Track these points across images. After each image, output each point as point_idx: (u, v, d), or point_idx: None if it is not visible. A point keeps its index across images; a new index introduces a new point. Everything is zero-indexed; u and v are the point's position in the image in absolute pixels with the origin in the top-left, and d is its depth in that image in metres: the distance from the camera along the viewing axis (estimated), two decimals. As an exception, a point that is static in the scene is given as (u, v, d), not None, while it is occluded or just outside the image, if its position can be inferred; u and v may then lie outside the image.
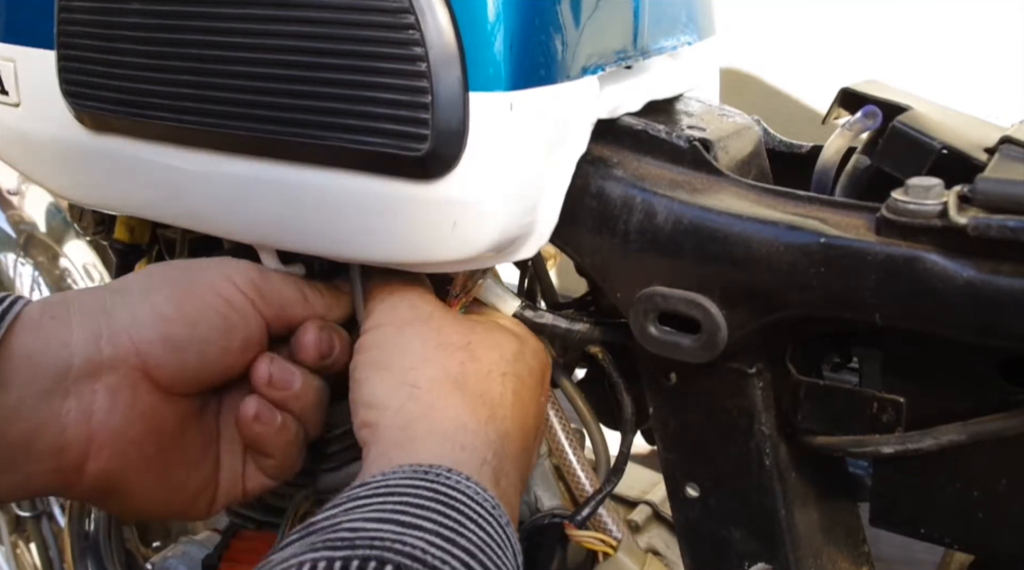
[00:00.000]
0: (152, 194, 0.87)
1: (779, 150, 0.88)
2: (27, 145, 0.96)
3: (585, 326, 0.85)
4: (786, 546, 0.82)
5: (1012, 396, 0.69)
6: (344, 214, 0.76)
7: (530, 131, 0.71)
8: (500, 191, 0.71)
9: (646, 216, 0.74)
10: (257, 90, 0.76)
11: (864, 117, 0.77)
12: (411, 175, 0.72)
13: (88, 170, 0.91)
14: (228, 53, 0.77)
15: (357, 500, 0.65)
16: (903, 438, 0.73)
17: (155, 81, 0.81)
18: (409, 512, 0.63)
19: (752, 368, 0.78)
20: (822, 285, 0.67)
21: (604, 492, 0.90)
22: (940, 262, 0.62)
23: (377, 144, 0.72)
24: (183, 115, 0.80)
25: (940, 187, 0.64)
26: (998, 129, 0.76)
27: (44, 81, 0.89)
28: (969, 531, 0.75)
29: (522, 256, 0.78)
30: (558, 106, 0.72)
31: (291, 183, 0.77)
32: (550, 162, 0.74)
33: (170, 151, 0.83)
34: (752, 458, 0.80)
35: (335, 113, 0.73)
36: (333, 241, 0.79)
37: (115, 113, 0.85)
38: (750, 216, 0.71)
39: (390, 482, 0.66)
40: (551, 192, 0.76)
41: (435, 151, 0.70)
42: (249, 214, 0.82)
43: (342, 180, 0.75)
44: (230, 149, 0.80)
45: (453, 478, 0.67)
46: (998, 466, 0.71)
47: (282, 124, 0.75)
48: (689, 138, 0.76)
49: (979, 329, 0.63)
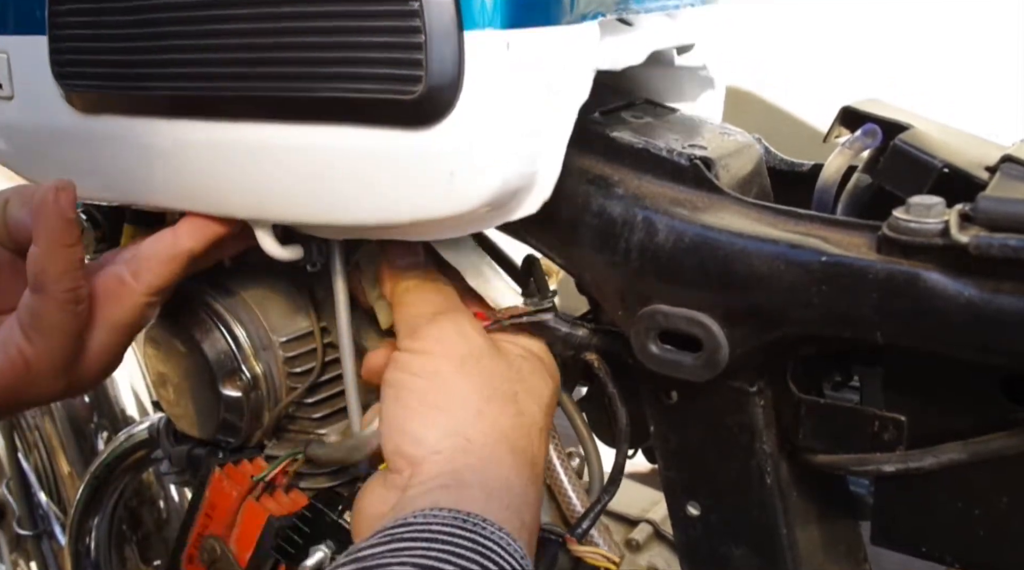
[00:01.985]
0: (145, 176, 0.86)
1: (780, 168, 0.88)
2: (21, 139, 0.96)
3: (585, 331, 0.85)
4: (787, 564, 0.82)
5: (1013, 414, 0.69)
6: (340, 172, 0.75)
7: (528, 73, 0.69)
8: (499, 136, 0.70)
9: (647, 234, 0.74)
10: (248, 46, 0.75)
11: (864, 135, 0.77)
12: (405, 122, 0.70)
13: (82, 156, 0.90)
14: (214, 12, 0.76)
15: (403, 542, 0.67)
16: (904, 456, 0.73)
17: (143, 50, 0.81)
18: (451, 561, 0.65)
19: (753, 386, 0.77)
20: (823, 303, 0.67)
21: (602, 503, 0.89)
22: (941, 281, 0.62)
23: (369, 90, 0.70)
24: (174, 82, 0.80)
25: (941, 206, 0.64)
26: (999, 148, 0.76)
27: (37, 69, 0.88)
28: (970, 549, 0.75)
29: (523, 213, 0.76)
30: (556, 49, 0.71)
31: (285, 145, 0.76)
32: (550, 108, 0.72)
33: (162, 123, 0.82)
34: (753, 476, 0.80)
35: (328, 61, 0.71)
36: (329, 205, 0.77)
37: (105, 89, 0.84)
38: (751, 234, 0.71)
39: (432, 527, 0.68)
40: (552, 142, 0.74)
41: (430, 94, 0.68)
42: (242, 185, 0.80)
43: (337, 135, 0.73)
44: (221, 114, 0.79)
45: (489, 529, 0.69)
46: (999, 484, 0.71)
47: (274, 79, 0.74)
48: (690, 156, 0.76)
49: (980, 347, 0.63)
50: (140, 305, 0.87)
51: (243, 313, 0.96)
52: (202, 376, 0.96)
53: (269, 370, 0.96)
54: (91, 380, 0.90)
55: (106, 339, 0.87)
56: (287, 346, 0.96)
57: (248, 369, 0.95)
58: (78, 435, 1.74)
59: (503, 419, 0.79)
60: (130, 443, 1.34)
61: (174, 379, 0.99)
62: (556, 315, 0.86)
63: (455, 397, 0.78)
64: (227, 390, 0.95)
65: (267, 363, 0.96)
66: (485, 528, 0.69)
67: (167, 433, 1.15)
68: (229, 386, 0.95)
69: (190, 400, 0.99)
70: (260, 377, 0.95)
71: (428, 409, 0.77)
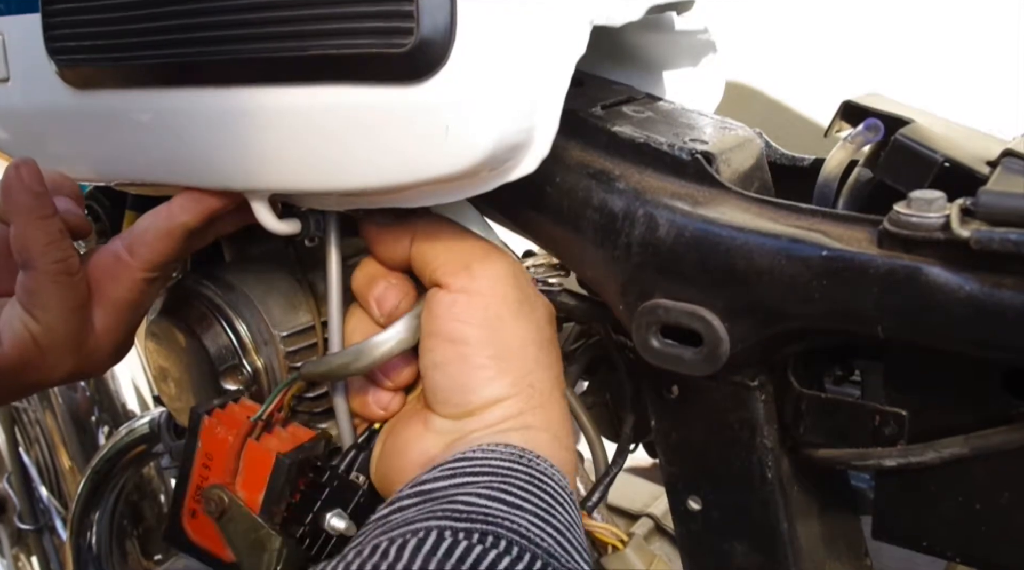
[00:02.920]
0: (140, 152, 0.86)
1: (781, 163, 0.88)
2: (19, 122, 0.96)
3: (587, 304, 0.86)
4: (788, 559, 0.82)
5: (1015, 409, 0.69)
6: (332, 135, 0.73)
7: (522, 24, 0.68)
8: (493, 89, 0.68)
9: (648, 229, 0.74)
10: (234, 7, 0.74)
11: (866, 130, 0.77)
12: (398, 77, 0.69)
13: (78, 136, 0.90)
14: None
15: (465, 475, 0.72)
16: (905, 451, 0.73)
17: (134, 19, 0.80)
18: (512, 492, 0.70)
19: (754, 381, 0.78)
20: (824, 298, 0.67)
21: (611, 474, 0.90)
22: (942, 275, 0.62)
23: (360, 46, 0.69)
24: (163, 49, 0.79)
25: (942, 200, 0.64)
26: (1000, 142, 0.76)
27: (31, 48, 0.88)
28: (971, 544, 0.75)
29: (521, 172, 0.74)
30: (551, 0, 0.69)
31: (277, 109, 0.75)
32: (546, 61, 0.71)
33: (155, 94, 0.82)
34: (754, 471, 0.80)
35: (314, 19, 0.70)
36: (322, 170, 0.76)
37: (97, 62, 0.84)
38: (752, 229, 0.71)
39: (491, 461, 0.74)
40: (548, 95, 0.72)
41: (422, 45, 0.67)
42: (236, 155, 0.79)
43: (328, 95, 0.72)
44: (213, 80, 0.78)
45: (543, 464, 0.75)
46: (1001, 479, 0.71)
47: (262, 40, 0.73)
48: (691, 151, 0.76)
49: (981, 342, 0.63)
50: (138, 281, 0.87)
51: (244, 307, 0.96)
52: (203, 370, 0.96)
53: (270, 364, 0.96)
54: (101, 360, 0.90)
55: (109, 317, 0.88)
56: (288, 340, 0.96)
57: (249, 363, 0.95)
58: (79, 429, 1.74)
59: (556, 365, 0.83)
60: (131, 437, 1.34)
61: (175, 373, 0.99)
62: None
63: (516, 345, 0.79)
64: (228, 384, 0.95)
65: (268, 357, 0.95)
66: (539, 464, 0.75)
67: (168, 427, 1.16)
68: (230, 380, 0.95)
69: (191, 394, 0.99)
70: (261, 371, 0.95)
71: (492, 361, 0.78)
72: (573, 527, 0.71)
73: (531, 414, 0.78)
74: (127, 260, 0.86)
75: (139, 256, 0.86)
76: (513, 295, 0.80)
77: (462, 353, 0.78)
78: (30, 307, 0.83)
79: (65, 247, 0.83)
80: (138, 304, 0.90)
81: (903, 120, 0.77)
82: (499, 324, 0.79)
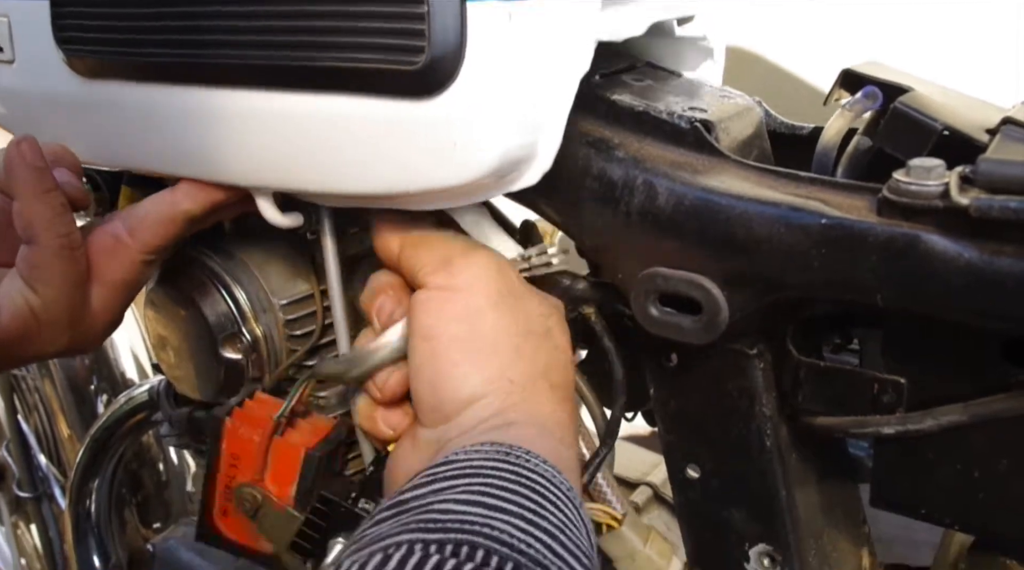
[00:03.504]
0: (146, 142, 0.87)
1: (780, 131, 0.88)
2: (23, 104, 0.96)
3: (582, 284, 0.85)
4: (786, 527, 0.82)
5: (1013, 377, 0.69)
6: (341, 142, 0.75)
7: (530, 44, 0.69)
8: (500, 106, 0.70)
9: (647, 197, 0.74)
10: (249, 14, 0.75)
11: (865, 98, 0.77)
12: (408, 93, 0.70)
13: (84, 123, 0.91)
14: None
15: (444, 481, 0.66)
16: (904, 419, 0.73)
17: (144, 16, 0.81)
18: (494, 494, 0.65)
19: (753, 349, 0.78)
20: (823, 266, 0.67)
21: (601, 456, 0.90)
22: (941, 243, 0.62)
23: (372, 60, 0.70)
24: (175, 49, 0.80)
25: (942, 168, 0.64)
26: (999, 110, 0.76)
27: (38, 33, 0.88)
28: (969, 512, 0.75)
29: (524, 183, 0.76)
30: (558, 20, 0.71)
31: (286, 114, 0.76)
32: (551, 78, 0.73)
33: (163, 90, 0.82)
34: (753, 439, 0.81)
35: (329, 31, 0.71)
36: (330, 175, 0.77)
37: (107, 55, 0.84)
38: (751, 197, 0.70)
39: (474, 462, 0.69)
40: (553, 111, 0.74)
41: (432, 64, 0.68)
42: (244, 153, 0.80)
43: (338, 104, 0.73)
44: (223, 81, 0.79)
45: (533, 460, 0.70)
46: (999, 447, 0.72)
47: (276, 48, 0.74)
48: (690, 119, 0.76)
49: (980, 310, 0.63)
50: (137, 263, 0.87)
51: (243, 276, 0.96)
52: (202, 339, 0.96)
53: (269, 332, 0.96)
54: (94, 337, 0.90)
55: (105, 296, 0.88)
56: (287, 309, 0.96)
57: (248, 331, 0.95)
58: (78, 398, 1.74)
59: (540, 355, 0.79)
60: (130, 406, 1.34)
61: (174, 342, 0.99)
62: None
63: (494, 338, 0.77)
64: (227, 352, 0.95)
65: (267, 325, 0.96)
66: (529, 460, 0.69)
67: (167, 396, 1.16)
68: (229, 348, 0.95)
69: (190, 363, 0.99)
70: (260, 340, 0.95)
71: (469, 356, 0.77)
72: (569, 527, 0.66)
73: (513, 411, 0.76)
74: (127, 242, 0.86)
75: (139, 239, 0.86)
76: (494, 288, 0.79)
77: (434, 350, 0.77)
78: (32, 281, 0.83)
79: (68, 221, 0.83)
80: (134, 284, 0.90)
81: (902, 88, 0.77)
82: (478, 318, 0.78)
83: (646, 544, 0.94)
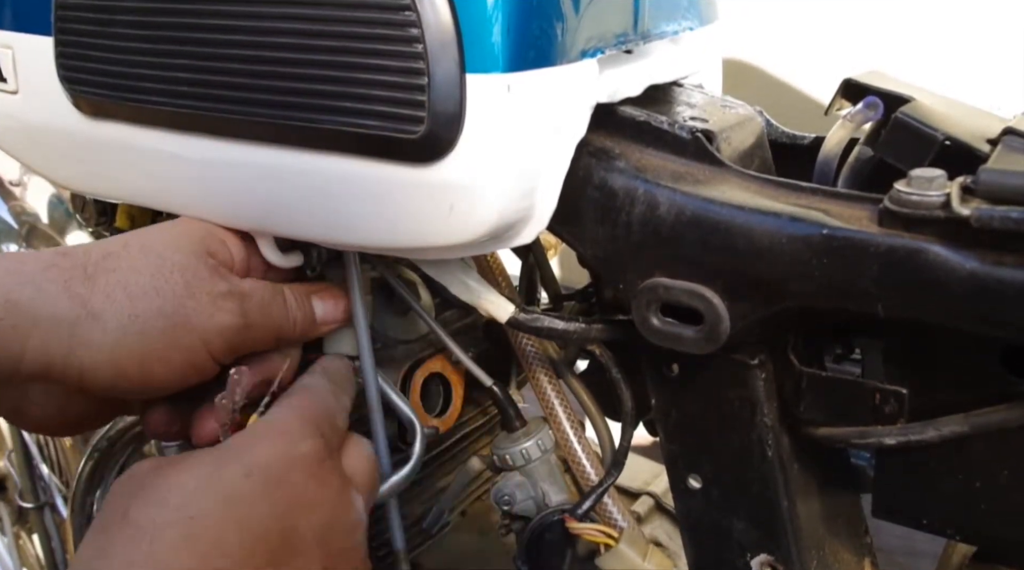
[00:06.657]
0: (149, 181, 0.87)
1: (781, 141, 0.88)
2: (26, 133, 0.96)
3: (581, 326, 0.85)
4: (788, 537, 0.82)
5: (1015, 387, 0.69)
6: (340, 199, 0.76)
7: (528, 114, 0.70)
8: (498, 174, 0.71)
9: (648, 207, 0.74)
10: (253, 73, 0.76)
11: (866, 108, 0.77)
12: (408, 158, 0.71)
13: (86, 157, 0.91)
14: (224, 36, 0.76)
15: None
16: (905, 429, 0.73)
17: (152, 66, 0.81)
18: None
19: (754, 359, 0.78)
20: (824, 276, 0.67)
21: (605, 485, 0.90)
22: (943, 253, 0.62)
23: (373, 127, 0.71)
24: (180, 99, 0.80)
25: (943, 178, 0.64)
26: (1001, 120, 0.76)
27: (42, 68, 0.89)
28: (971, 522, 0.75)
29: (520, 242, 0.78)
30: (556, 89, 0.71)
31: (288, 168, 0.77)
32: (548, 146, 0.73)
33: (167, 136, 0.83)
34: (754, 449, 0.81)
35: (331, 96, 0.72)
36: (329, 226, 0.79)
37: (112, 99, 0.85)
38: (752, 207, 0.70)
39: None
40: (550, 176, 0.75)
41: (432, 134, 0.69)
42: (246, 200, 0.81)
43: (339, 164, 0.75)
44: (227, 134, 0.80)
45: None
46: (1000, 457, 0.71)
47: (278, 107, 0.75)
48: (692, 129, 0.76)
49: (981, 320, 0.63)
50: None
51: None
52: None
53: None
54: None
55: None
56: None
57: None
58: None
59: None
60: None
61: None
62: (550, 316, 0.86)
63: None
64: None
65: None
66: None
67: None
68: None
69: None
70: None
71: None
72: None
73: None
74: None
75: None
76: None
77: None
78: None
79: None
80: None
81: (903, 98, 0.77)
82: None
83: (645, 559, 0.94)
